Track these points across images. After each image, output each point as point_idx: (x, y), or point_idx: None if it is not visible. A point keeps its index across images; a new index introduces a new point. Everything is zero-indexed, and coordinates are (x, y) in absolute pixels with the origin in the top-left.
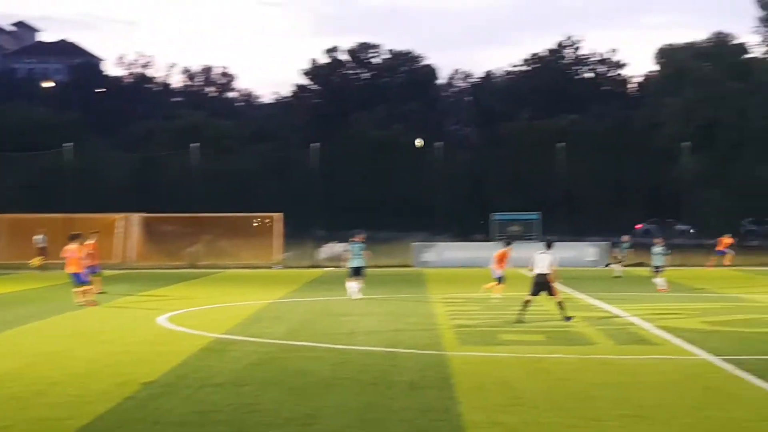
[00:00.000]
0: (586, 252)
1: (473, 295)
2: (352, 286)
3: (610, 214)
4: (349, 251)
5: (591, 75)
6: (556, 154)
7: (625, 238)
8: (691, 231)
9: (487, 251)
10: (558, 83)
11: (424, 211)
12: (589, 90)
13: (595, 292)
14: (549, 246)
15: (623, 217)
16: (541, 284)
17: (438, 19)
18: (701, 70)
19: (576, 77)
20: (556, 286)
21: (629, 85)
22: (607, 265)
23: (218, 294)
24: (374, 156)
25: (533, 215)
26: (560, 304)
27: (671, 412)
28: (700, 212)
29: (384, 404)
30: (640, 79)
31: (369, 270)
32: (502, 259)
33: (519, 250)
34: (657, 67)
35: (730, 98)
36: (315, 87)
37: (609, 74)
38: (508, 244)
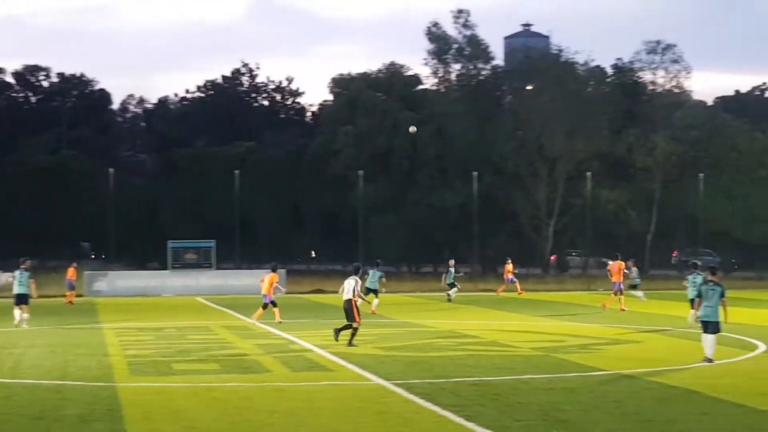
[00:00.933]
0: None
1: (193, 325)
2: (17, 314)
3: (288, 241)
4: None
5: (267, 103)
6: (232, 181)
7: (451, 262)
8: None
9: (162, 280)
10: (234, 110)
11: (97, 239)
12: (266, 118)
13: (272, 319)
14: (357, 271)
15: (300, 243)
16: (346, 310)
17: (110, 43)
18: (374, 99)
19: (253, 105)
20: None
21: (306, 114)
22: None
23: None
24: (43, 182)
25: (209, 243)
26: (355, 331)
27: None
28: (377, 239)
29: None
30: (316, 108)
31: (39, 300)
32: (270, 285)
33: (195, 278)
34: (332, 96)
35: (403, 127)
36: None
37: (286, 102)
38: (274, 270)
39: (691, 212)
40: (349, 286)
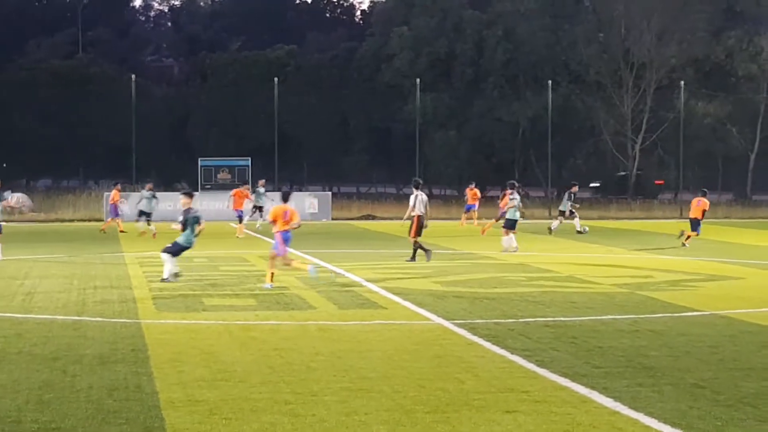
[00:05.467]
0: (306, 203)
1: (226, 254)
2: None
3: (333, 160)
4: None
5: (310, 0)
6: (271, 90)
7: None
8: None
9: (195, 202)
10: (273, 9)
11: (119, 156)
12: (310, 17)
13: (315, 249)
14: (417, 186)
15: (347, 162)
16: (423, 225)
17: None
18: None
19: (295, 2)
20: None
21: (355, 12)
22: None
23: None
24: (57, 89)
25: (244, 161)
26: (417, 244)
27: (399, 384)
28: (436, 158)
29: (66, 382)
30: (367, 6)
31: (51, 225)
32: (239, 198)
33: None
34: None
35: (467, 29)
36: None
37: None
38: (245, 183)
39: None
40: (422, 201)
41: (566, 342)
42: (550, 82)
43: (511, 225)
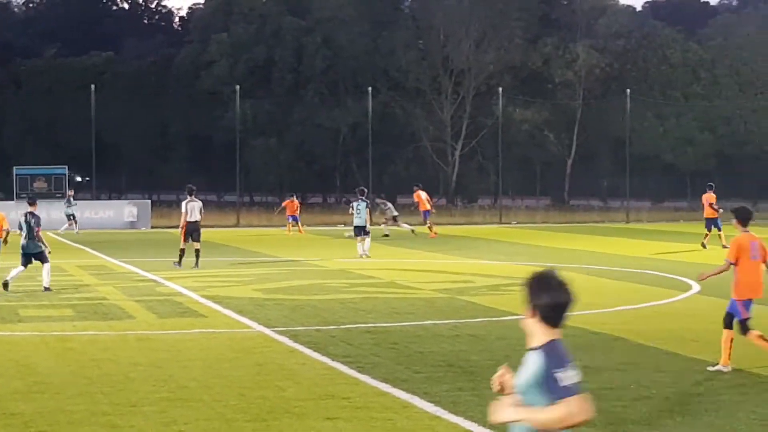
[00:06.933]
0: (125, 211)
1: None
2: None
3: (153, 168)
4: None
5: (128, 6)
6: (87, 97)
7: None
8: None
9: (6, 212)
10: (90, 15)
11: None
12: (127, 23)
13: (134, 257)
14: (191, 193)
15: (167, 170)
16: (194, 231)
17: None
18: (253, 2)
19: (111, 8)
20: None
21: (173, 19)
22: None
23: None
24: None
25: (61, 169)
26: (198, 252)
27: (219, 393)
28: (256, 165)
29: None
30: (185, 12)
31: None
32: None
33: (45, 210)
34: None
35: (286, 36)
36: None
37: (150, 5)
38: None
39: (617, 134)
40: (195, 208)
41: (387, 348)
42: (370, 88)
43: (356, 232)
